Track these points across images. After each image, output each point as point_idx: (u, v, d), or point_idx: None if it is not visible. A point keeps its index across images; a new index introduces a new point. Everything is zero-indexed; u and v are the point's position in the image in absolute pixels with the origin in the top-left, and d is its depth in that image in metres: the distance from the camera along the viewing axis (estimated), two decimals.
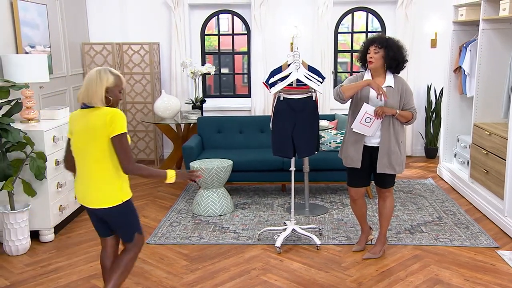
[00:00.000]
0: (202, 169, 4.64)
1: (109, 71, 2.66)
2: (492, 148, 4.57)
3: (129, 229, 2.80)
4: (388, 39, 3.50)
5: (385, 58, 3.48)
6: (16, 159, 3.93)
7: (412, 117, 3.60)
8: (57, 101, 5.48)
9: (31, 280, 3.50)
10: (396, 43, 3.50)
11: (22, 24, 4.72)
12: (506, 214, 4.22)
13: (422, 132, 7.00)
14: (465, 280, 3.40)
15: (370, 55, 3.51)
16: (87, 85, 2.62)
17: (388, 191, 3.70)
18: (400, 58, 3.49)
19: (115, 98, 2.67)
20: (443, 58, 6.18)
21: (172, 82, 6.83)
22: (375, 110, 3.45)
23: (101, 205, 2.67)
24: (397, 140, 3.57)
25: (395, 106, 3.51)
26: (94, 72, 2.64)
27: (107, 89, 2.62)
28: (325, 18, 6.58)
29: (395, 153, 3.55)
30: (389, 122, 3.53)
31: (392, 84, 3.52)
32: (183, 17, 6.64)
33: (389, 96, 3.49)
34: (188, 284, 3.41)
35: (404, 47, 3.55)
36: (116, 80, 2.66)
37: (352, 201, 3.79)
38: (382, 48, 3.47)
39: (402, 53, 3.51)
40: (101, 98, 2.60)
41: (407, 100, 3.56)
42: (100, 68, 2.67)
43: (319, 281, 3.43)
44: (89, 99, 2.62)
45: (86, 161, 2.65)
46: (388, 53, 3.46)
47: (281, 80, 4.15)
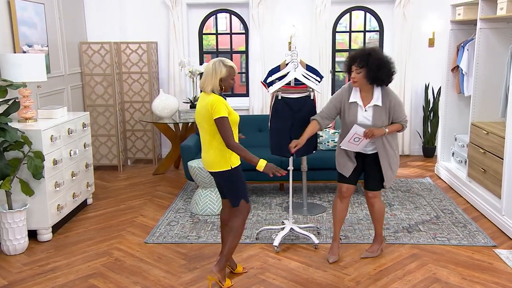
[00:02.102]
0: (201, 168, 4.64)
1: (223, 63, 3.13)
2: (489, 147, 4.58)
3: (236, 194, 3.25)
4: (369, 57, 3.35)
5: (366, 78, 3.40)
6: (14, 159, 3.92)
7: (402, 128, 3.57)
8: (54, 101, 5.47)
9: (29, 280, 3.49)
10: (378, 60, 3.35)
11: (19, 23, 4.71)
12: (503, 213, 4.24)
13: (420, 131, 7.01)
14: (462, 279, 3.41)
15: (353, 75, 3.44)
16: (205, 75, 3.16)
17: (374, 196, 3.66)
18: (382, 76, 3.38)
19: (227, 85, 3.17)
20: (440, 58, 6.19)
21: (170, 81, 6.83)
22: (365, 131, 3.44)
23: (214, 168, 3.21)
24: (391, 146, 3.56)
25: (383, 123, 3.48)
26: (210, 65, 3.15)
27: (221, 79, 3.13)
28: (323, 17, 6.58)
29: (392, 156, 3.56)
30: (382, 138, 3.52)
31: (379, 103, 3.45)
32: (181, 16, 6.63)
33: (376, 114, 3.46)
34: (186, 283, 3.41)
35: (388, 61, 3.40)
36: (229, 70, 3.15)
37: (340, 199, 3.69)
38: (363, 67, 3.37)
39: (385, 71, 3.37)
40: (211, 87, 3.12)
41: (396, 115, 3.50)
42: (215, 60, 3.16)
43: (317, 280, 3.43)
44: (203, 86, 3.16)
45: (203, 134, 3.22)
46: (369, 73, 3.37)
47: (279, 80, 4.16)
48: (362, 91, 3.49)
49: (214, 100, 3.08)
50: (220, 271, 3.27)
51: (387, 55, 3.46)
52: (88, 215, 4.80)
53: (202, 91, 3.22)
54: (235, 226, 3.27)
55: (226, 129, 3.07)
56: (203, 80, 3.18)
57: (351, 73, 3.45)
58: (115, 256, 3.85)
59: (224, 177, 3.23)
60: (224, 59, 3.18)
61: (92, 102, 6.34)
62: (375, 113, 3.47)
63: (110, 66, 6.25)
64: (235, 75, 3.20)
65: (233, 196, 3.26)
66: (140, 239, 4.19)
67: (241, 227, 3.29)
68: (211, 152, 3.19)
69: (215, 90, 3.14)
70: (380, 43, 6.94)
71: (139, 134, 6.72)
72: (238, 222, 3.27)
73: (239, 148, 3.10)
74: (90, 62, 6.24)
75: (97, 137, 6.38)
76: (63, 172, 4.41)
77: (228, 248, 3.28)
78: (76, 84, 6.15)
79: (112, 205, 5.08)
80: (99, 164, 6.44)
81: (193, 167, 4.69)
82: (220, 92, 3.18)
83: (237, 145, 3.10)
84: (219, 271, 3.27)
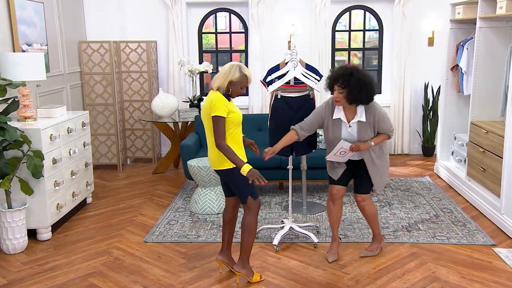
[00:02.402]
0: (200, 167, 4.64)
1: (239, 68, 3.18)
2: (489, 146, 4.58)
3: (242, 191, 3.25)
4: (351, 78, 3.31)
5: (346, 99, 3.38)
6: (13, 158, 3.92)
7: (388, 137, 3.57)
8: (54, 100, 5.46)
9: (28, 279, 3.49)
10: (359, 81, 3.31)
11: (19, 22, 4.70)
12: (502, 212, 4.24)
13: (419, 130, 7.01)
14: (462, 278, 3.41)
15: (335, 94, 3.41)
16: (218, 73, 3.22)
17: (363, 200, 3.65)
18: (361, 99, 3.37)
19: (235, 91, 3.20)
20: (440, 56, 6.19)
21: (169, 80, 6.82)
22: (351, 146, 3.45)
23: (218, 167, 3.23)
24: (379, 156, 3.56)
25: (368, 136, 3.48)
26: (227, 66, 3.20)
27: (230, 82, 3.16)
28: (322, 16, 6.58)
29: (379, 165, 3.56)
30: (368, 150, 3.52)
31: (363, 119, 3.45)
32: (180, 15, 6.63)
33: (361, 130, 3.47)
34: (186, 282, 3.41)
35: (370, 82, 3.36)
36: (241, 78, 3.17)
37: (332, 202, 3.67)
38: (344, 88, 3.34)
39: (364, 93, 3.34)
40: (218, 85, 3.16)
41: (382, 127, 3.49)
42: (234, 63, 3.21)
43: (317, 279, 3.44)
44: (212, 83, 3.21)
45: (207, 132, 3.25)
46: (349, 95, 3.35)
47: (278, 78, 4.16)
48: (345, 108, 3.48)
49: (215, 99, 3.12)
50: (243, 269, 3.34)
51: (369, 74, 3.42)
52: (88, 214, 4.80)
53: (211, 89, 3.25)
54: (246, 223, 3.28)
55: (218, 128, 3.10)
56: (215, 78, 3.22)
57: (333, 91, 3.43)
58: (114, 255, 3.86)
59: (228, 175, 3.24)
60: (243, 66, 3.22)
61: (91, 101, 6.33)
62: (360, 129, 3.47)
63: (110, 65, 6.24)
64: (246, 84, 3.22)
65: (240, 193, 3.28)
66: (139, 238, 4.19)
67: (253, 223, 3.29)
68: (216, 150, 3.21)
69: (221, 89, 3.17)
70: (379, 42, 6.94)
71: (139, 133, 6.72)
72: (248, 219, 3.28)
73: (227, 149, 3.11)
74: (89, 61, 6.24)
75: (97, 136, 6.38)
76: (63, 171, 4.41)
77: (244, 246, 3.32)
78: (76, 83, 6.15)
79: (111, 204, 5.08)
80: (99, 163, 6.44)
81: (193, 166, 4.69)
82: (226, 94, 3.19)
83: (226, 146, 3.11)
84: (243, 268, 3.34)
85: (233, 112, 3.18)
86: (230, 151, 3.11)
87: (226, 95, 3.19)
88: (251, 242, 3.33)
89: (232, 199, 3.46)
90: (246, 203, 3.27)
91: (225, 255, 3.49)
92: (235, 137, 3.22)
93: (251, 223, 3.29)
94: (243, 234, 3.31)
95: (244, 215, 3.31)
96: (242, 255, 3.35)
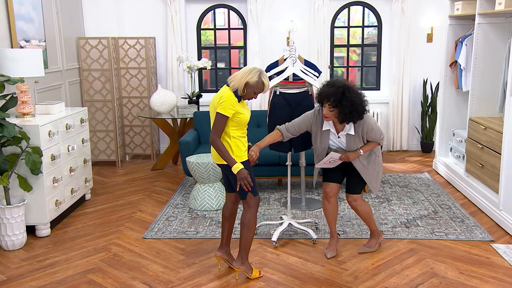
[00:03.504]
0: (199, 164, 4.64)
1: (259, 73, 3.15)
2: (487, 142, 4.59)
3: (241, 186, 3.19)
4: (343, 98, 3.27)
5: (337, 118, 3.36)
6: (12, 154, 3.91)
7: (379, 145, 3.57)
8: (52, 96, 5.46)
9: (27, 275, 3.50)
10: (351, 101, 3.27)
11: (16, 18, 4.69)
12: (501, 208, 4.25)
13: (418, 126, 7.01)
14: (460, 273, 3.42)
15: (325, 111, 3.37)
16: (240, 71, 3.19)
17: (354, 200, 3.64)
18: (352, 119, 3.35)
19: (248, 94, 3.17)
20: (439, 53, 6.19)
21: (168, 76, 6.81)
22: (340, 157, 3.47)
23: (218, 161, 3.25)
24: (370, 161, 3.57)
25: (357, 146, 3.49)
26: (250, 67, 3.19)
27: (246, 83, 3.12)
28: (321, 13, 6.57)
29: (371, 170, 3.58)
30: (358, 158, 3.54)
31: (351, 132, 3.45)
32: (179, 12, 6.61)
33: (350, 141, 3.48)
34: (185, 278, 3.42)
35: (361, 102, 3.33)
36: (257, 83, 3.14)
37: (327, 199, 3.65)
38: (335, 107, 3.31)
39: (355, 114, 3.32)
40: (234, 84, 3.13)
41: (371, 137, 3.48)
42: (257, 67, 3.19)
43: (316, 275, 3.44)
44: (229, 80, 3.18)
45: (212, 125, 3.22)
46: (340, 115, 3.32)
47: (277, 75, 4.15)
48: (334, 122, 3.48)
49: (225, 96, 3.11)
50: (242, 265, 3.35)
51: (360, 93, 3.37)
52: (87, 211, 4.80)
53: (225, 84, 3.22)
54: (245, 220, 3.29)
55: (218, 124, 3.11)
56: (235, 74, 3.20)
57: (323, 107, 3.39)
58: (113, 252, 3.86)
59: (228, 170, 3.23)
60: (264, 73, 3.19)
61: (90, 97, 6.32)
62: (349, 140, 3.48)
63: (108, 61, 6.23)
64: (261, 91, 3.19)
65: (239, 189, 3.26)
66: (138, 234, 4.19)
67: (252, 220, 3.29)
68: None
69: (236, 88, 3.13)
70: (378, 38, 6.93)
71: (137, 130, 6.71)
72: (247, 215, 3.28)
73: (220, 147, 3.12)
74: (87, 57, 6.23)
75: (95, 132, 6.37)
76: (61, 168, 4.41)
77: (244, 243, 3.33)
78: (74, 80, 6.14)
79: (110, 201, 5.08)
80: (97, 159, 6.44)
81: (191, 163, 4.69)
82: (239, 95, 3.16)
83: (219, 143, 3.12)
84: (242, 264, 3.36)
85: (241, 114, 3.15)
86: (222, 149, 3.12)
87: (237, 95, 3.15)
88: (250, 238, 3.33)
89: (233, 195, 3.46)
90: (245, 199, 3.27)
91: (224, 251, 3.50)
92: (239, 135, 3.21)
93: (250, 220, 3.29)
94: (242, 231, 3.31)
95: (244, 211, 3.31)
96: (241, 252, 3.36)
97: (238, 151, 3.19)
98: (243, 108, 3.19)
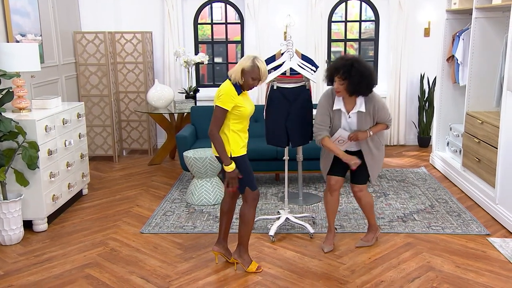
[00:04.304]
0: (196, 158, 4.64)
1: (253, 59, 3.12)
2: (484, 136, 4.60)
3: (242, 180, 3.24)
4: (352, 69, 3.31)
5: (346, 90, 3.39)
6: (8, 149, 3.90)
7: (387, 128, 3.60)
8: (49, 91, 5.43)
9: (24, 270, 3.50)
10: (360, 72, 3.31)
11: (12, 12, 4.66)
12: (497, 202, 4.26)
13: (415, 121, 7.02)
14: (456, 267, 3.44)
15: (336, 86, 3.41)
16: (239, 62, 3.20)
17: (360, 190, 3.67)
18: (361, 90, 3.38)
19: (246, 82, 3.13)
20: (436, 47, 6.19)
21: (165, 71, 6.80)
22: (349, 135, 3.49)
23: (214, 153, 3.27)
24: (376, 146, 3.59)
25: (367, 126, 3.51)
26: (247, 55, 3.19)
27: (242, 70, 3.11)
28: (318, 7, 6.56)
29: (376, 155, 3.60)
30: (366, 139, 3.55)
31: (362, 109, 3.47)
32: (176, 6, 6.59)
33: (360, 120, 3.49)
34: (182, 273, 3.42)
35: (370, 73, 3.37)
36: (253, 68, 3.09)
37: (330, 193, 3.67)
38: (345, 79, 3.35)
39: (364, 85, 3.35)
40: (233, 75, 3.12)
41: (381, 117, 3.52)
42: (253, 54, 3.19)
43: (313, 269, 3.45)
44: (229, 72, 3.18)
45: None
46: (349, 86, 3.36)
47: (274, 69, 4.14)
48: (345, 99, 3.50)
49: (224, 89, 3.12)
50: (240, 257, 3.39)
51: (369, 65, 3.42)
52: (84, 206, 4.80)
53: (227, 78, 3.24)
54: (242, 213, 3.31)
55: (215, 117, 3.11)
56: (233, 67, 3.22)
57: (334, 83, 3.43)
58: (111, 246, 3.86)
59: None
60: (259, 58, 3.15)
61: (86, 92, 6.30)
62: (359, 119, 3.50)
63: (105, 56, 6.21)
64: (258, 76, 3.12)
65: (239, 183, 3.28)
66: (136, 229, 4.19)
67: (247, 214, 3.29)
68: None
69: (235, 80, 3.13)
70: (375, 32, 6.92)
71: (134, 125, 6.70)
72: (244, 209, 3.30)
73: (217, 141, 3.12)
74: (84, 52, 6.20)
75: (92, 127, 6.36)
76: (58, 163, 4.40)
77: (240, 236, 3.36)
78: (71, 74, 6.12)
79: (107, 196, 5.08)
80: (95, 154, 6.43)
81: (189, 157, 4.69)
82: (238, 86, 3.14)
83: (217, 137, 3.12)
84: (239, 257, 3.40)
85: (242, 107, 3.13)
86: (218, 144, 3.12)
87: (238, 87, 3.14)
88: (247, 232, 3.34)
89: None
90: (243, 193, 3.28)
91: (222, 246, 3.50)
92: (240, 129, 3.21)
93: (245, 214, 3.30)
94: (240, 225, 3.34)
95: (242, 205, 3.33)
96: (239, 245, 3.38)
97: (235, 146, 3.19)
98: (244, 101, 3.17)
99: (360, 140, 3.51)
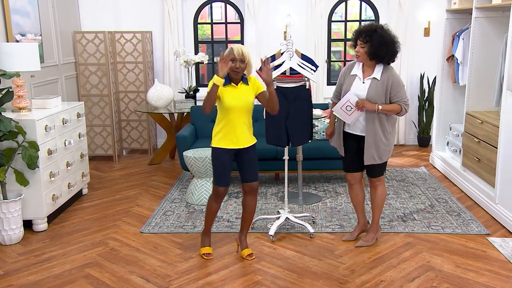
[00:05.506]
0: (196, 158, 4.64)
1: (233, 46, 3.32)
2: (484, 136, 4.60)
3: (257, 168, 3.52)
4: (374, 33, 3.40)
5: (367, 54, 3.45)
6: (8, 148, 3.90)
7: (401, 110, 3.51)
8: (48, 90, 5.43)
9: (24, 269, 3.50)
10: (381, 37, 3.39)
11: (12, 12, 4.66)
12: (497, 202, 4.26)
13: (415, 121, 7.02)
14: (456, 267, 3.44)
15: (357, 48, 3.50)
16: None
17: (378, 180, 3.70)
18: (381, 54, 3.42)
19: (231, 69, 3.30)
20: (436, 47, 6.19)
21: (165, 71, 6.79)
22: (357, 101, 3.48)
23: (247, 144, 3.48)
24: (384, 132, 3.54)
25: (378, 98, 3.47)
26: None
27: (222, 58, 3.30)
28: (318, 7, 6.56)
29: (382, 144, 3.54)
30: (373, 115, 3.51)
31: (378, 77, 3.48)
32: (175, 6, 6.59)
33: (373, 88, 3.48)
34: (182, 273, 3.42)
35: (392, 40, 3.43)
36: (229, 51, 3.31)
37: (349, 186, 3.83)
38: (367, 43, 3.43)
39: (385, 49, 3.40)
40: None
41: (394, 93, 3.48)
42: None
43: (313, 268, 3.46)
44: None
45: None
46: (370, 49, 3.42)
47: (274, 69, 4.14)
48: (365, 65, 3.56)
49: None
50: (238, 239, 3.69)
51: (394, 35, 3.49)
52: (84, 205, 4.80)
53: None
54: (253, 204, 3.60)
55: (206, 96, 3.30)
56: None
57: (356, 46, 3.51)
58: (111, 246, 3.86)
59: (254, 149, 3.51)
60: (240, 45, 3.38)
61: (86, 92, 6.30)
62: (372, 86, 3.50)
63: (105, 55, 6.21)
64: (234, 56, 3.29)
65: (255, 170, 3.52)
66: (135, 229, 4.19)
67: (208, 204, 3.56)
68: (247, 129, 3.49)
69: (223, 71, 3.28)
70: None
71: (134, 124, 6.70)
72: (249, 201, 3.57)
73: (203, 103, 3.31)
74: (84, 51, 6.20)
75: (92, 127, 6.36)
76: (58, 162, 4.40)
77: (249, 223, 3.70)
78: (70, 74, 6.11)
79: (107, 195, 5.08)
80: (94, 154, 6.43)
81: (189, 157, 4.69)
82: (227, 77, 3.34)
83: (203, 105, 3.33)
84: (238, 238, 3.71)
85: (224, 98, 3.34)
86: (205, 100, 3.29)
87: (227, 78, 3.33)
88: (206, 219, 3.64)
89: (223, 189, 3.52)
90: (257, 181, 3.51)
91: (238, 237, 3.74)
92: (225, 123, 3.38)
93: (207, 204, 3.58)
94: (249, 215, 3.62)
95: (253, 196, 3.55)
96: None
97: (216, 134, 3.42)
98: (227, 93, 3.34)
99: (367, 109, 3.46)
